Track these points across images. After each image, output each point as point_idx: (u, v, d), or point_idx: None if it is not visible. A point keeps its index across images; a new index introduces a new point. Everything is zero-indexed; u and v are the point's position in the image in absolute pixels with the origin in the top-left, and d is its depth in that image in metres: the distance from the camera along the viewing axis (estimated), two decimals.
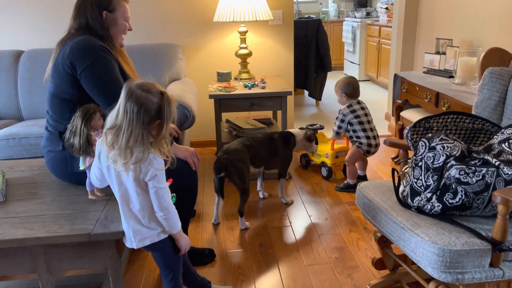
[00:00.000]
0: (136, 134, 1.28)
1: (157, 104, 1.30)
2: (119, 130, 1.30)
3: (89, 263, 1.51)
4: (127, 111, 1.28)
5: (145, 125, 1.29)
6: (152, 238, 1.42)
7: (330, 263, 2.03)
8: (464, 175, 1.37)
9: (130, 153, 1.30)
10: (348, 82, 2.75)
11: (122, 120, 1.29)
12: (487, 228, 1.40)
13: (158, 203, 1.36)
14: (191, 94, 2.86)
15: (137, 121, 1.28)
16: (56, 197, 1.71)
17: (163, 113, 1.30)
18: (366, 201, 1.67)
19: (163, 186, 1.36)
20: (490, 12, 2.74)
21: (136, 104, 1.28)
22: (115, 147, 1.31)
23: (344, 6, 7.80)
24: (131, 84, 1.31)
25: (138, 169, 1.32)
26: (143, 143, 1.30)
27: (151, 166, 1.32)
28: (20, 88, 3.04)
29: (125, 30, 1.92)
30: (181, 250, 1.48)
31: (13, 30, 3.32)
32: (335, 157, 2.97)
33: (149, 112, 1.29)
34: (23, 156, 2.58)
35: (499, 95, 1.79)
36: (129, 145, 1.29)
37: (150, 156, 1.32)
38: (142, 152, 1.31)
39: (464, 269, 1.31)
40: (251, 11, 3.00)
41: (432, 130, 1.64)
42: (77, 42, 1.77)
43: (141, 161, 1.31)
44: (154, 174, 1.33)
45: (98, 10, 1.82)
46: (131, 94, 1.29)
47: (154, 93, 1.30)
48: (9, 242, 1.40)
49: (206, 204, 2.66)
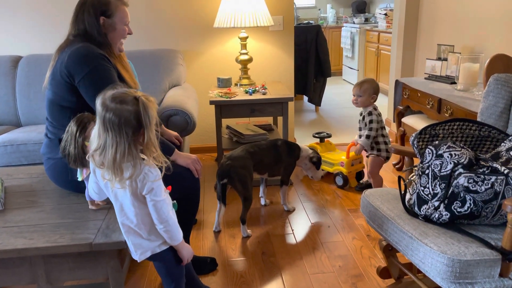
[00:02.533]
0: (122, 149, 1.24)
1: (135, 112, 1.24)
2: (105, 149, 1.25)
3: (90, 273, 1.48)
4: (107, 128, 1.23)
5: (129, 137, 1.24)
6: (153, 249, 1.39)
7: (334, 271, 2.00)
8: (473, 184, 1.35)
9: (120, 169, 1.25)
10: (377, 83, 2.66)
11: (105, 138, 1.24)
12: (496, 237, 1.38)
13: (157, 216, 1.33)
14: (192, 100, 2.83)
15: (120, 136, 1.23)
16: (56, 205, 1.68)
17: (142, 120, 1.24)
18: (372, 209, 1.65)
19: (161, 198, 1.32)
20: (491, 18, 2.74)
21: (115, 118, 1.22)
22: (105, 166, 1.26)
23: (342, 12, 7.81)
24: (103, 99, 1.25)
25: (134, 184, 1.29)
26: (132, 156, 1.26)
27: (147, 180, 1.28)
28: (18, 94, 3.00)
29: (125, 34, 1.89)
30: (183, 260, 1.46)
31: (12, 35, 3.29)
32: (350, 165, 2.91)
33: (130, 123, 1.23)
34: (22, 162, 2.54)
35: (504, 102, 1.78)
36: (117, 162, 1.24)
37: (145, 169, 1.28)
38: (134, 166, 1.26)
39: (473, 279, 1.29)
40: (251, 16, 2.99)
41: (438, 137, 1.62)
42: (75, 50, 1.74)
43: (135, 175, 1.27)
44: (151, 187, 1.29)
45: (95, 16, 1.80)
46: (107, 109, 1.23)
47: (128, 102, 1.25)
48: (8, 252, 1.37)
49: (207, 212, 2.63)
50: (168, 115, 2.52)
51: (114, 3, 1.82)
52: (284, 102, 2.87)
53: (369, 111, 2.62)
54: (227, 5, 3.03)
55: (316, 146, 3.11)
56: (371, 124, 2.61)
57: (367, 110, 2.64)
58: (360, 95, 2.61)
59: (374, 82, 2.65)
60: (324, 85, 4.97)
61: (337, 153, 3.07)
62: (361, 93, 2.61)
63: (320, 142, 3.17)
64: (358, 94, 2.62)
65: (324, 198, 2.79)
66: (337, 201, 2.74)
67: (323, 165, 3.04)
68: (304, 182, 3.06)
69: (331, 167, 3.00)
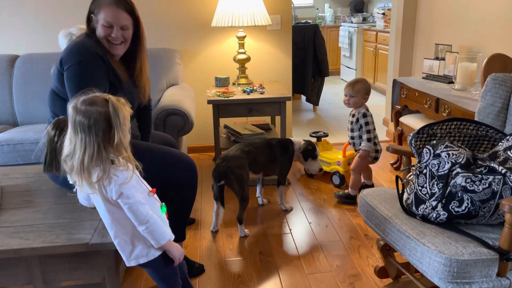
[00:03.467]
0: (91, 151, 1.23)
1: (104, 113, 1.24)
2: (74, 153, 1.24)
3: (86, 274, 1.48)
4: (77, 130, 1.23)
5: (99, 138, 1.23)
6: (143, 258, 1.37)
7: (332, 271, 2.00)
8: (471, 183, 1.35)
9: (88, 173, 1.24)
10: (369, 84, 2.62)
11: (74, 142, 1.24)
12: (493, 236, 1.38)
13: (135, 217, 1.30)
14: (189, 99, 2.83)
15: (90, 137, 1.23)
16: (52, 205, 1.67)
17: (111, 120, 1.24)
18: (369, 208, 1.64)
19: (134, 200, 1.29)
20: (489, 17, 2.74)
21: (84, 119, 1.22)
22: (73, 171, 1.25)
23: (340, 12, 7.81)
24: (74, 103, 1.26)
25: (103, 189, 1.27)
26: (101, 159, 1.24)
27: (114, 183, 1.26)
28: (15, 93, 2.99)
29: (105, 35, 1.79)
30: (175, 261, 1.41)
31: (9, 34, 3.27)
32: (347, 164, 2.91)
33: (99, 123, 1.23)
34: (18, 162, 2.53)
35: (502, 101, 1.78)
36: (85, 165, 1.23)
37: (111, 172, 1.26)
38: (103, 170, 1.25)
39: (471, 279, 1.29)
40: (249, 16, 2.98)
41: (435, 137, 1.62)
42: (72, 43, 1.79)
43: (103, 179, 1.25)
44: (119, 192, 1.27)
45: (88, 13, 1.82)
46: (77, 112, 1.23)
47: (98, 103, 1.25)
48: (4, 253, 1.36)
49: (204, 211, 2.63)
50: (166, 114, 2.52)
51: (101, 1, 1.78)
52: (282, 101, 2.87)
53: (364, 113, 2.59)
54: (225, 4, 3.02)
55: None
56: (367, 126, 2.58)
57: (361, 111, 2.60)
58: (352, 96, 2.58)
59: (366, 82, 2.62)
60: (322, 84, 4.97)
61: (334, 152, 3.07)
62: (354, 93, 2.57)
63: (317, 141, 3.17)
64: (350, 95, 2.58)
65: (322, 197, 2.79)
66: (334, 200, 2.73)
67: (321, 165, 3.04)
68: (302, 181, 3.06)
69: (328, 166, 3.00)
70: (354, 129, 2.66)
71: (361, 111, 2.60)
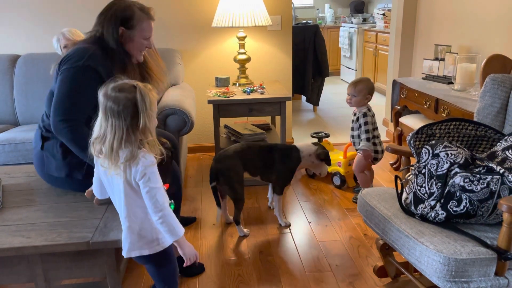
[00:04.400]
0: (120, 134, 1.29)
1: (132, 98, 1.30)
2: (104, 137, 1.30)
3: (88, 272, 1.49)
4: (107, 115, 1.30)
5: (127, 123, 1.29)
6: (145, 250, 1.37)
7: (331, 270, 2.01)
8: (469, 183, 1.36)
9: (117, 156, 1.30)
10: (372, 83, 2.61)
11: (105, 126, 1.30)
12: (491, 236, 1.39)
13: (152, 203, 1.31)
14: (190, 99, 2.84)
15: (119, 121, 1.28)
16: (54, 204, 1.68)
17: (138, 105, 1.30)
18: (369, 208, 1.65)
19: (156, 185, 1.32)
20: (488, 18, 2.75)
21: (114, 105, 1.28)
22: (103, 153, 1.31)
23: (340, 12, 7.82)
24: (105, 90, 1.31)
25: (128, 170, 1.31)
26: (130, 142, 1.30)
27: (141, 165, 1.30)
28: (16, 93, 3.00)
29: (142, 48, 1.85)
30: (185, 260, 1.39)
31: (10, 34, 3.28)
32: (348, 165, 2.91)
33: (128, 109, 1.29)
34: (19, 161, 2.54)
35: (501, 102, 1.79)
36: (114, 148, 1.29)
37: (140, 154, 1.31)
38: (131, 151, 1.30)
39: (469, 278, 1.30)
40: (249, 16, 2.99)
41: (434, 137, 1.63)
42: (78, 46, 1.77)
43: (131, 160, 1.30)
44: (144, 173, 1.30)
45: (116, 25, 1.76)
46: (107, 98, 1.30)
47: (127, 89, 1.31)
48: (6, 251, 1.37)
49: (204, 211, 2.64)
50: (166, 114, 2.53)
51: (138, 16, 1.78)
52: (282, 101, 2.88)
53: (364, 112, 2.58)
54: (225, 4, 3.03)
55: None
56: (366, 126, 2.57)
57: (362, 111, 2.60)
58: (354, 95, 2.58)
59: (369, 82, 2.62)
60: (322, 85, 4.97)
61: (334, 153, 3.08)
62: (356, 93, 2.57)
63: (318, 142, 3.18)
64: (352, 94, 2.58)
65: (322, 197, 2.80)
66: (334, 200, 2.75)
67: None
68: (302, 181, 3.07)
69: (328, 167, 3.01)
70: (354, 128, 2.66)
71: (362, 111, 2.60)
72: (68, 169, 1.74)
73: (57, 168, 1.76)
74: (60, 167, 1.75)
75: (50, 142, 1.79)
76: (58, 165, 1.76)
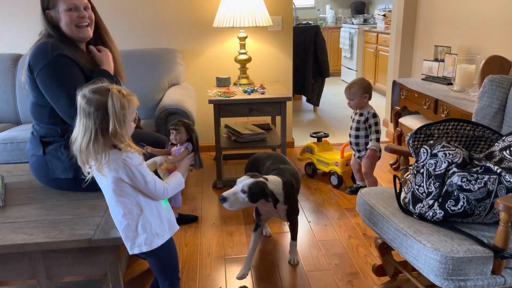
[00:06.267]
0: (88, 136, 1.30)
1: (105, 101, 1.31)
2: (77, 137, 1.33)
3: (89, 269, 1.50)
4: (81, 115, 1.32)
5: (96, 125, 1.30)
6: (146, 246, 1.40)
7: (330, 269, 2.03)
8: (466, 182, 1.37)
9: (85, 156, 1.31)
10: (368, 83, 2.64)
11: (79, 126, 1.33)
12: (488, 235, 1.40)
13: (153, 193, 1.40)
14: (190, 99, 2.86)
15: (89, 122, 1.30)
16: (56, 202, 1.70)
17: (109, 108, 1.30)
18: (368, 207, 1.67)
19: (149, 179, 1.37)
20: (488, 19, 2.77)
21: (86, 106, 1.30)
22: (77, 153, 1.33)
23: (341, 13, 7.84)
24: (84, 91, 1.33)
25: (114, 172, 1.33)
26: (98, 144, 1.30)
27: (128, 165, 1.32)
28: (18, 92, 3.02)
29: (74, 20, 1.78)
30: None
31: (12, 33, 3.30)
32: (345, 165, 2.93)
33: (98, 111, 1.30)
34: (21, 160, 2.56)
35: (499, 102, 1.80)
36: (82, 148, 1.31)
37: (122, 156, 1.32)
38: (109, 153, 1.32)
39: (466, 276, 1.31)
40: (250, 16, 3.01)
41: (433, 137, 1.64)
42: (35, 46, 1.78)
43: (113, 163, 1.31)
44: (133, 172, 1.33)
45: (43, 13, 1.80)
46: (83, 98, 1.32)
47: (101, 92, 1.32)
48: (9, 248, 1.39)
49: (205, 210, 2.65)
50: (167, 113, 2.54)
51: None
52: (282, 101, 2.89)
53: (374, 113, 2.62)
54: (226, 5, 3.05)
55: (314, 145, 3.13)
56: (377, 126, 2.61)
57: (371, 112, 2.62)
58: (351, 99, 2.63)
59: (363, 81, 2.63)
60: (323, 85, 4.99)
61: (333, 152, 3.10)
62: (351, 96, 2.61)
63: (318, 141, 3.19)
64: (349, 98, 2.64)
65: (321, 197, 2.82)
66: (334, 200, 2.76)
67: (319, 165, 3.07)
68: (302, 181, 3.08)
69: (326, 167, 3.03)
70: (360, 129, 2.65)
71: (371, 111, 2.63)
72: (75, 169, 1.73)
73: (64, 170, 1.76)
74: (67, 168, 1.75)
75: (51, 146, 1.80)
76: (64, 167, 1.76)
